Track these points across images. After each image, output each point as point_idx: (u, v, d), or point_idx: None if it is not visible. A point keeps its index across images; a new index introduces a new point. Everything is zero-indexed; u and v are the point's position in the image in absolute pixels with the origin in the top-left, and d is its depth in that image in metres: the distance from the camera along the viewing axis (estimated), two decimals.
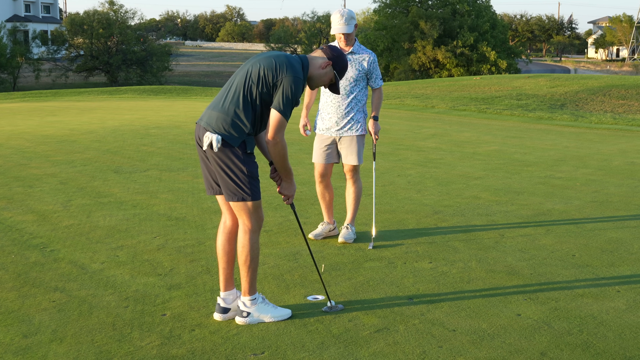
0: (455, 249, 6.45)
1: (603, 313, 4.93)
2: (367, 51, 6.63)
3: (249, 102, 4.51)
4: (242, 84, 4.54)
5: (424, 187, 9.28)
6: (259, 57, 4.63)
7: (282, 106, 4.46)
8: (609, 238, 6.86)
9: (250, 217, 4.63)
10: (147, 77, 61.16)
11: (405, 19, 63.30)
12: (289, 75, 4.47)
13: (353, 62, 6.58)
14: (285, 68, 4.49)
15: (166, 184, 9.41)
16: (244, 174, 4.53)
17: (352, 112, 6.65)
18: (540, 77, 32.12)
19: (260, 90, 4.50)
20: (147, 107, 23.09)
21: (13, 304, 5.07)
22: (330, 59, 4.74)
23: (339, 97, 6.62)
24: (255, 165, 4.62)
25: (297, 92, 4.48)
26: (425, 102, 23.64)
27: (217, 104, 4.60)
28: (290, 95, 4.46)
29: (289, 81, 4.46)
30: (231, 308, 4.81)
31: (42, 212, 7.79)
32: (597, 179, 9.99)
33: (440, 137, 14.78)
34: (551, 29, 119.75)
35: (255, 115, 4.53)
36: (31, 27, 73.76)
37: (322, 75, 4.73)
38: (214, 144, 4.48)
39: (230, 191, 4.57)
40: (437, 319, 4.81)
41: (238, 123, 4.50)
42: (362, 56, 6.60)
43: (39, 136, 14.37)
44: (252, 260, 4.68)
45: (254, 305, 4.74)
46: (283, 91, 4.46)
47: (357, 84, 6.61)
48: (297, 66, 4.56)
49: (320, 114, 6.82)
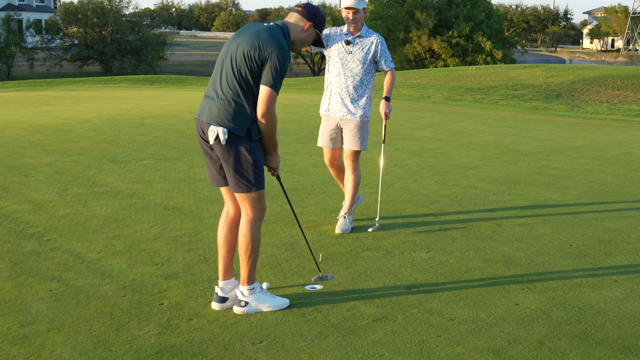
0: (453, 239, 6.44)
1: (601, 302, 4.93)
2: (375, 34, 6.58)
3: (244, 86, 4.46)
4: (231, 70, 4.49)
5: (421, 177, 9.27)
6: (239, 38, 4.55)
7: (273, 80, 4.41)
8: (606, 228, 6.86)
9: (254, 206, 4.62)
10: (142, 66, 60.95)
11: (400, 8, 63.15)
12: (275, 49, 4.40)
13: (361, 46, 6.53)
14: (269, 42, 4.42)
15: (162, 173, 9.38)
16: (250, 164, 4.52)
17: (358, 96, 6.62)
18: (536, 68, 32.10)
19: (250, 70, 4.44)
20: (142, 96, 23.02)
21: (10, 293, 5.05)
22: (310, 20, 4.67)
23: (346, 79, 6.58)
24: (261, 154, 4.61)
25: (285, 63, 4.43)
26: (421, 92, 23.61)
27: (214, 95, 4.56)
28: (280, 68, 4.41)
29: (276, 54, 4.40)
30: (229, 297, 4.80)
31: (38, 202, 7.76)
32: (594, 169, 9.99)
33: (437, 127, 14.77)
34: (546, 20, 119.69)
35: (255, 97, 4.49)
36: (25, 16, 73.34)
37: (305, 37, 4.70)
38: (220, 137, 4.45)
39: (236, 182, 4.56)
40: (436, 309, 4.80)
41: (240, 111, 4.46)
42: (370, 39, 6.55)
43: (34, 125, 14.32)
44: (252, 249, 4.66)
45: (252, 294, 4.72)
46: (272, 65, 4.40)
47: (364, 67, 6.55)
48: (280, 37, 4.50)
49: (326, 93, 6.77)
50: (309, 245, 5.18)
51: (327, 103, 6.74)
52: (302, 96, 22.89)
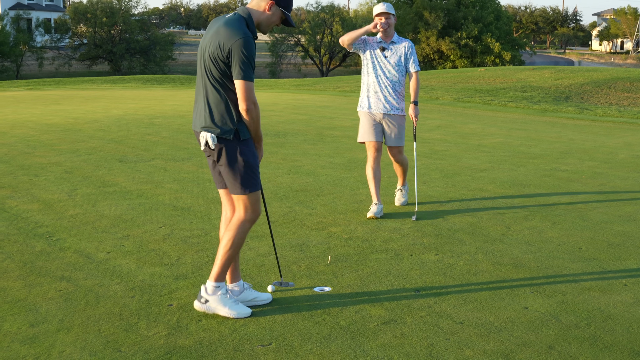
0: (462, 241, 6.43)
1: (610, 306, 4.92)
2: (406, 40, 7.45)
3: (221, 88, 4.46)
4: (206, 75, 4.50)
5: (430, 178, 9.26)
6: (205, 40, 4.54)
7: (242, 71, 4.36)
8: (616, 231, 6.84)
9: (247, 209, 4.61)
10: (151, 66, 61.04)
11: (409, 9, 63.13)
12: (236, 40, 4.34)
13: (395, 51, 7.38)
14: (228, 37, 4.37)
15: (171, 173, 9.39)
16: (243, 166, 4.52)
17: (396, 94, 7.42)
18: (545, 69, 32.03)
19: (221, 71, 4.42)
20: (151, 96, 23.06)
21: (19, 293, 5.07)
22: None
23: (386, 80, 7.37)
24: (254, 154, 4.59)
25: (250, 51, 4.36)
26: (430, 94, 23.59)
27: (198, 103, 4.59)
28: (246, 58, 4.35)
29: (238, 45, 4.34)
30: (238, 300, 4.81)
31: (47, 201, 7.79)
32: (603, 171, 9.96)
33: (445, 129, 14.75)
34: (555, 21, 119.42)
35: (235, 94, 4.46)
36: (34, 15, 73.53)
37: (269, 17, 4.56)
38: (209, 142, 4.49)
39: (231, 184, 4.57)
40: (444, 312, 4.80)
41: (224, 113, 4.48)
42: (402, 44, 7.40)
43: (43, 125, 14.36)
44: (232, 247, 4.61)
45: (215, 293, 4.66)
46: (237, 58, 4.35)
47: (399, 69, 7.39)
48: (240, 26, 4.42)
49: (365, 93, 7.48)
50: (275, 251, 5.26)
51: (367, 102, 7.45)
52: (311, 97, 22.89)
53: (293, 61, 69.25)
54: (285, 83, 31.41)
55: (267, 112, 17.41)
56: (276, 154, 11.06)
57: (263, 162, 10.22)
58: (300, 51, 69.39)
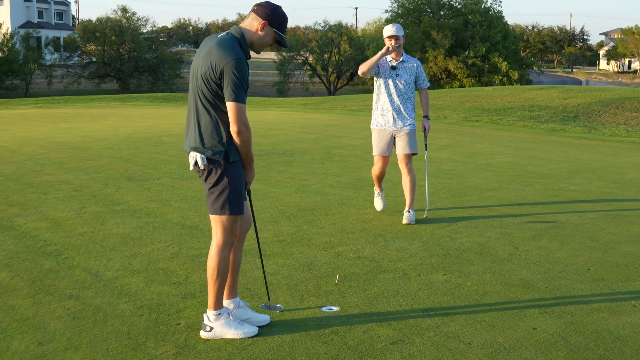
0: (470, 261, 6.42)
1: (620, 328, 4.90)
2: (414, 59, 8.04)
3: (212, 109, 4.44)
4: (197, 95, 4.48)
5: (437, 198, 9.25)
6: (197, 61, 4.52)
7: (234, 93, 4.34)
8: (625, 252, 6.82)
9: (224, 231, 4.57)
10: (159, 84, 61.38)
11: (417, 28, 63.33)
12: (228, 62, 4.32)
13: (406, 69, 7.95)
14: (220, 58, 4.34)
15: (179, 192, 9.41)
16: (227, 187, 4.50)
17: (407, 110, 7.98)
18: (552, 89, 32.05)
19: (212, 92, 4.40)
20: (159, 114, 23.15)
21: (28, 311, 5.08)
22: (265, 19, 4.50)
23: (397, 98, 7.91)
24: (240, 177, 4.57)
25: (242, 73, 4.33)
26: (438, 113, 23.61)
27: (189, 123, 4.58)
28: (238, 80, 4.32)
29: (230, 67, 4.31)
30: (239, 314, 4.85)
31: (56, 219, 7.81)
32: (611, 191, 9.94)
33: (453, 148, 14.75)
34: (563, 40, 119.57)
35: (226, 115, 4.44)
36: (44, 33, 74.13)
37: (262, 37, 4.52)
38: (199, 162, 4.48)
39: (210, 204, 4.55)
40: (453, 332, 4.78)
41: (214, 134, 4.46)
42: (411, 63, 7.99)
43: (52, 142, 14.43)
44: (219, 274, 4.59)
45: (217, 320, 4.65)
46: (229, 79, 4.33)
47: (409, 86, 7.98)
48: (233, 46, 4.39)
49: (379, 111, 8.02)
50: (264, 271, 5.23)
51: (382, 119, 7.99)
52: (319, 116, 22.95)
53: (301, 80, 69.53)
54: (293, 102, 31.51)
55: (274, 130, 17.46)
56: (284, 172, 11.08)
57: (271, 181, 10.24)
58: (307, 70, 69.67)
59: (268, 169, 11.42)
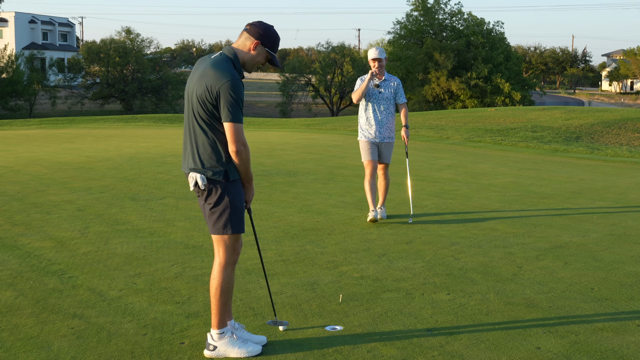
0: (473, 281, 6.42)
1: (624, 347, 4.89)
2: (394, 77, 9.11)
3: (210, 129, 4.48)
4: (193, 117, 4.52)
5: (440, 218, 9.26)
6: (192, 83, 4.56)
7: (231, 114, 4.38)
8: (628, 272, 6.82)
9: (227, 250, 4.62)
10: (162, 105, 61.57)
11: (419, 50, 63.63)
12: (224, 82, 4.37)
13: (387, 87, 8.98)
14: (216, 79, 4.39)
15: (183, 212, 9.44)
16: (228, 206, 4.54)
17: (388, 123, 9.01)
18: (555, 110, 32.12)
19: (209, 113, 4.44)
20: (163, 135, 23.22)
21: (32, 330, 5.09)
22: (257, 38, 4.55)
23: (380, 112, 8.93)
24: (240, 196, 4.61)
25: (238, 93, 4.39)
26: (440, 133, 23.67)
27: (186, 145, 4.62)
28: (234, 100, 4.37)
29: (226, 88, 4.36)
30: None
31: (60, 239, 7.83)
32: (614, 212, 9.95)
33: (456, 169, 14.78)
34: (565, 62, 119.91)
35: (223, 135, 4.49)
36: (48, 54, 74.46)
37: (254, 57, 4.57)
38: (199, 182, 4.52)
39: (212, 224, 4.59)
40: (457, 351, 4.78)
41: (213, 154, 4.50)
42: (392, 81, 9.03)
43: (56, 163, 14.47)
44: (222, 293, 4.64)
45: (221, 339, 4.68)
46: (225, 100, 4.37)
47: (390, 102, 8.99)
48: (226, 67, 4.45)
49: (365, 124, 9.01)
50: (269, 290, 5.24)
51: (368, 132, 8.99)
52: (322, 136, 23.00)
53: (304, 101, 69.72)
54: (296, 122, 31.60)
55: (278, 151, 17.50)
56: (287, 192, 11.10)
57: (274, 201, 10.26)
58: (310, 91, 69.87)
59: (271, 189, 11.45)
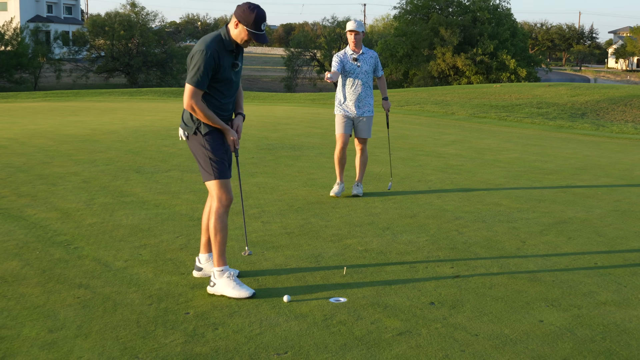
0: (477, 255, 6.44)
1: (626, 321, 4.92)
2: (372, 51, 8.96)
3: None
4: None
5: (445, 192, 9.27)
6: None
7: (189, 77, 5.05)
8: (632, 247, 6.83)
9: (216, 194, 5.25)
10: (167, 79, 61.44)
11: (425, 25, 63.26)
12: (196, 51, 5.05)
13: (365, 60, 8.79)
14: (195, 48, 5.09)
15: (188, 184, 9.46)
16: (206, 156, 5.20)
17: (367, 97, 8.87)
18: (560, 86, 32.01)
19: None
20: (168, 108, 23.21)
21: (38, 299, 5.13)
22: (237, 18, 5.07)
23: (359, 86, 8.76)
24: (217, 147, 5.23)
25: (202, 61, 4.99)
26: (445, 109, 23.62)
27: None
28: (195, 66, 5.02)
29: (191, 54, 5.09)
30: (203, 268, 5.60)
31: (65, 210, 7.86)
32: (619, 188, 9.95)
33: (461, 144, 14.76)
34: (571, 38, 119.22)
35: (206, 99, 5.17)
36: (53, 27, 74.28)
37: (238, 33, 5.11)
38: (181, 135, 5.31)
39: (201, 172, 5.30)
40: (460, 324, 4.81)
41: (186, 112, 5.25)
42: (370, 54, 8.87)
43: (61, 135, 14.49)
44: (217, 233, 5.25)
45: (221, 277, 5.24)
46: (190, 64, 5.07)
47: (369, 75, 8.83)
48: (207, 40, 5.08)
49: (342, 99, 8.86)
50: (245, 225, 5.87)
51: (345, 106, 8.85)
52: (326, 111, 22.96)
53: (309, 75, 69.57)
54: (300, 97, 31.55)
55: (282, 125, 17.50)
56: (292, 166, 11.11)
57: (279, 175, 10.27)
58: (315, 66, 69.68)
59: (276, 162, 11.46)
